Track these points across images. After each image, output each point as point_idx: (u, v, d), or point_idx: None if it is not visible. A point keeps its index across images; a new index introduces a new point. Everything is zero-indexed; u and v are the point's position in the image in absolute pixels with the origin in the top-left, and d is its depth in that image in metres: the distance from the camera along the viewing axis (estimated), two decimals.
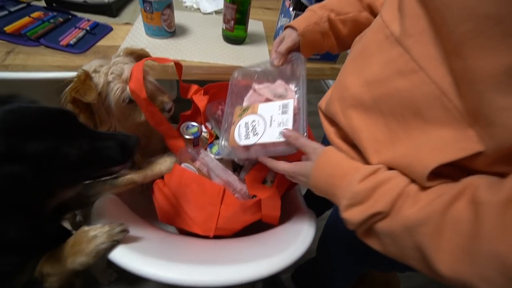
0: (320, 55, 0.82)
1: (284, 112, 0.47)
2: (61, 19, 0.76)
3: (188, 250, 0.49)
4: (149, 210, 0.63)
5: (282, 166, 0.44)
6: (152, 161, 0.61)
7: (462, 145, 0.27)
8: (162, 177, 0.60)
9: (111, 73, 0.55)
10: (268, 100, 0.55)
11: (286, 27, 0.55)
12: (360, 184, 0.33)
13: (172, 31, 0.80)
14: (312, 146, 0.40)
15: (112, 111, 0.55)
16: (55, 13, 0.78)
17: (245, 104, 0.58)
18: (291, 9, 0.76)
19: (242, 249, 0.53)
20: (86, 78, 0.52)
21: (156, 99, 0.59)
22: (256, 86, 0.58)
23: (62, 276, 0.39)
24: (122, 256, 0.37)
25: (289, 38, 0.53)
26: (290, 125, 0.44)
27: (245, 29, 0.82)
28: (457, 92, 0.27)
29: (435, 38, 0.28)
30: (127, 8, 0.89)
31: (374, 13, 0.52)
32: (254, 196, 0.58)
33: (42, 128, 0.34)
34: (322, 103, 0.50)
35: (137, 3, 0.91)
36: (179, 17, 0.88)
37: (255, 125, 0.47)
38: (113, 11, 0.83)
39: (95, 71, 0.55)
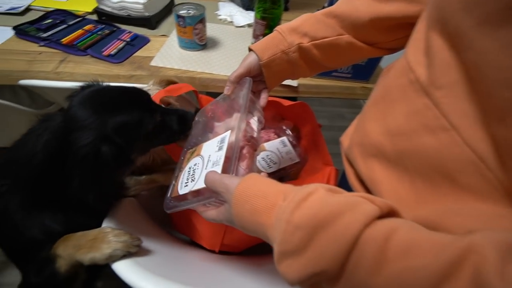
0: (352, 72, 0.78)
1: (220, 149, 0.39)
2: (107, 31, 0.84)
3: (190, 268, 0.49)
4: (166, 215, 0.66)
5: (209, 214, 0.36)
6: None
7: (504, 223, 0.22)
8: None
9: None
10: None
11: (249, 49, 0.47)
12: (292, 217, 0.24)
13: (203, 44, 0.83)
14: (224, 183, 0.31)
15: None
16: (103, 26, 0.86)
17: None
18: None
19: (246, 274, 0.51)
20: None
21: None
22: (216, 123, 0.49)
23: (69, 262, 0.42)
24: (124, 267, 0.38)
25: (244, 63, 0.46)
26: (221, 164, 0.36)
27: None
28: (498, 162, 0.22)
29: (470, 93, 0.23)
30: (165, 21, 0.95)
31: (360, 37, 0.45)
32: None
33: (127, 103, 0.42)
34: (344, 140, 0.46)
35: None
36: (212, 29, 0.91)
37: (195, 169, 0.40)
38: (152, 24, 0.89)
39: None
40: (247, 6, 1.03)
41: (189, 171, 0.41)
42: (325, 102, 1.79)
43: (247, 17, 0.99)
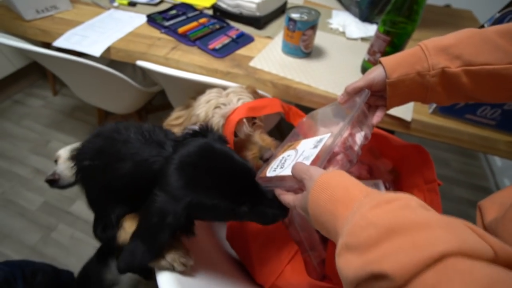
0: (498, 119, 0.57)
1: (315, 147, 0.39)
2: (217, 26, 0.86)
3: None
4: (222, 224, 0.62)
5: (286, 198, 0.36)
6: None
7: None
8: None
9: (216, 106, 0.55)
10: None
11: (378, 61, 0.42)
12: (369, 213, 0.22)
13: (308, 52, 0.76)
14: (310, 171, 0.31)
15: None
16: (215, 21, 0.89)
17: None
18: None
19: None
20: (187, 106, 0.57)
21: (253, 145, 0.54)
22: (321, 128, 0.47)
23: (127, 238, 0.41)
24: (165, 281, 0.34)
25: (367, 76, 0.41)
26: (310, 160, 0.36)
27: None
28: None
29: None
30: (273, 23, 0.92)
31: None
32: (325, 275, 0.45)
33: (222, 186, 0.37)
34: (489, 208, 0.32)
35: (283, 19, 0.93)
36: (320, 38, 0.83)
37: (286, 159, 0.42)
38: (260, 24, 0.87)
39: (206, 102, 0.57)
40: (364, 17, 0.91)
41: (281, 160, 0.43)
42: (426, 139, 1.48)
43: (362, 30, 0.87)
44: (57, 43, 0.82)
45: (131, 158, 0.39)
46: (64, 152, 0.71)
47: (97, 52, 0.78)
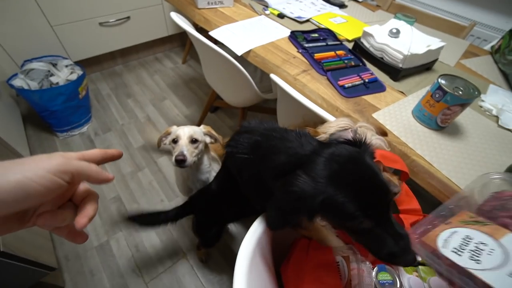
0: None
1: None
2: (352, 63, 0.85)
3: None
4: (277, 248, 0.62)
5: None
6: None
7: None
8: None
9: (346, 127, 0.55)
10: None
11: None
12: None
13: (444, 127, 0.67)
14: None
15: None
16: (352, 56, 0.88)
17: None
18: None
19: None
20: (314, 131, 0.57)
21: None
22: None
23: None
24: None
25: None
26: None
27: None
28: None
29: None
30: (411, 78, 0.85)
31: None
32: None
33: (363, 188, 0.37)
34: None
35: (425, 78, 0.85)
36: (464, 114, 0.72)
37: (482, 250, 0.33)
38: (398, 76, 0.82)
39: (339, 126, 0.57)
40: None
41: (466, 240, 0.35)
42: None
43: None
44: (213, 33, 0.96)
45: (286, 152, 0.44)
46: (183, 134, 0.81)
47: (239, 51, 0.88)
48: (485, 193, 0.44)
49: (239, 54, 0.88)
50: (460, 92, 0.61)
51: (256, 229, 0.50)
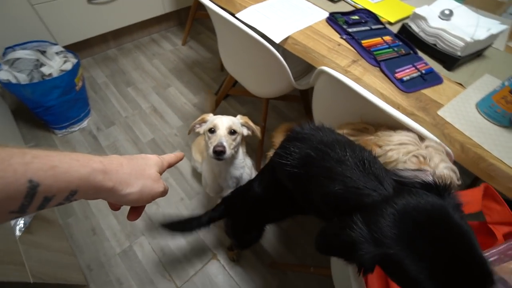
0: None
1: None
2: (403, 51, 0.77)
3: None
4: None
5: None
6: None
7: None
8: None
9: (414, 155, 0.49)
10: None
11: None
12: None
13: None
14: None
15: None
16: (400, 43, 0.80)
17: None
18: None
19: None
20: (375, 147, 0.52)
21: None
22: None
23: None
24: None
25: None
26: None
27: None
28: None
29: None
30: (465, 67, 0.78)
31: None
32: None
33: (448, 260, 0.29)
34: None
35: (479, 65, 0.79)
36: None
37: None
38: (454, 65, 0.75)
39: (400, 144, 0.51)
40: None
41: None
42: None
43: None
44: (241, 15, 0.83)
45: (343, 181, 0.37)
46: (221, 124, 0.74)
47: (278, 38, 0.78)
48: None
49: (278, 41, 0.77)
50: None
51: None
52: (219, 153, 0.69)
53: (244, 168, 0.89)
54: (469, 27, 0.74)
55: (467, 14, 0.79)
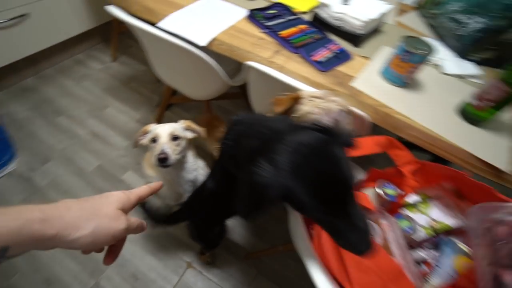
0: None
1: None
2: (317, 36, 0.87)
3: None
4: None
5: None
6: None
7: None
8: None
9: (319, 107, 0.59)
10: None
11: None
12: None
13: (408, 83, 0.76)
14: None
15: None
16: (314, 29, 0.90)
17: None
18: None
19: None
20: (294, 98, 0.61)
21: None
22: None
23: None
24: None
25: None
26: None
27: (496, 114, 0.67)
28: None
29: None
30: (368, 42, 0.92)
31: None
32: None
33: (323, 183, 0.37)
34: None
35: (378, 40, 0.93)
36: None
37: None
38: (358, 42, 0.87)
39: (311, 97, 0.60)
40: (462, 53, 0.90)
41: None
42: None
43: (461, 67, 0.86)
44: (163, 24, 0.84)
45: (257, 136, 0.46)
46: (162, 132, 0.74)
47: (203, 41, 0.80)
48: None
49: (203, 44, 0.80)
50: (422, 51, 0.69)
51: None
52: (162, 160, 0.70)
53: (198, 170, 0.90)
54: (364, 9, 0.86)
55: None
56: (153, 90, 1.66)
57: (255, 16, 0.90)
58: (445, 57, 0.89)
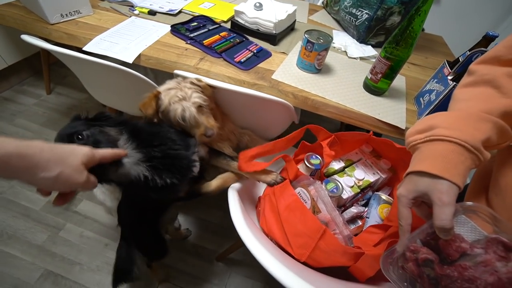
0: None
1: None
2: (238, 40, 0.97)
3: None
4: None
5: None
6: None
7: None
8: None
9: (176, 96, 0.69)
10: None
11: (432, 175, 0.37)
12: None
13: (320, 69, 0.89)
14: None
15: (173, 124, 0.72)
16: (234, 35, 1.00)
17: None
18: (449, 78, 0.73)
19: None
20: (154, 96, 0.70)
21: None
22: None
23: None
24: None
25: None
26: None
27: (390, 84, 0.83)
28: None
29: None
30: (285, 40, 1.04)
31: None
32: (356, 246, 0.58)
33: None
34: None
35: (293, 37, 1.06)
36: (329, 56, 0.97)
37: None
38: (275, 40, 0.99)
39: (167, 90, 0.71)
40: (361, 39, 1.07)
41: None
42: None
43: (360, 50, 1.03)
44: (88, 47, 0.86)
45: None
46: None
47: (130, 58, 0.84)
48: None
49: (130, 61, 0.84)
50: (322, 40, 0.82)
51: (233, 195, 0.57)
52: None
53: None
54: (274, 12, 0.98)
55: (272, 3, 1.04)
56: None
57: (178, 29, 0.96)
58: (349, 44, 1.05)
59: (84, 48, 0.86)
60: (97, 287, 1.02)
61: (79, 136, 0.48)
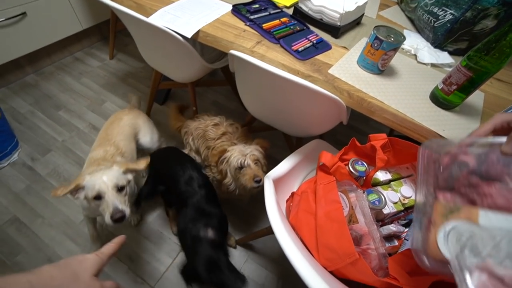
0: None
1: None
2: (298, 28, 0.92)
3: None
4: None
5: None
6: None
7: None
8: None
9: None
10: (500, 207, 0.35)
11: None
12: None
13: (383, 70, 0.81)
14: None
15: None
16: (295, 22, 0.95)
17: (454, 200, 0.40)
18: None
19: None
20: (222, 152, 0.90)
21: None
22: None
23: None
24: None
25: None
26: None
27: (464, 99, 0.72)
28: None
29: None
30: (348, 34, 0.97)
31: None
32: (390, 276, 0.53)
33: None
34: None
35: (357, 32, 0.98)
36: (395, 58, 0.87)
37: (475, 242, 0.32)
38: (338, 33, 0.92)
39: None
40: (437, 43, 0.95)
41: (459, 238, 0.33)
42: None
43: (433, 56, 0.91)
44: (152, 19, 0.89)
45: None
46: (105, 187, 0.69)
47: (189, 33, 0.86)
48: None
49: (189, 36, 0.86)
50: (392, 39, 0.74)
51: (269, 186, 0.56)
52: (119, 219, 0.66)
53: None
54: (342, 2, 0.91)
55: None
56: (149, 85, 1.71)
57: (239, 10, 0.95)
58: (422, 48, 0.94)
59: (148, 20, 0.89)
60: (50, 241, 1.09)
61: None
